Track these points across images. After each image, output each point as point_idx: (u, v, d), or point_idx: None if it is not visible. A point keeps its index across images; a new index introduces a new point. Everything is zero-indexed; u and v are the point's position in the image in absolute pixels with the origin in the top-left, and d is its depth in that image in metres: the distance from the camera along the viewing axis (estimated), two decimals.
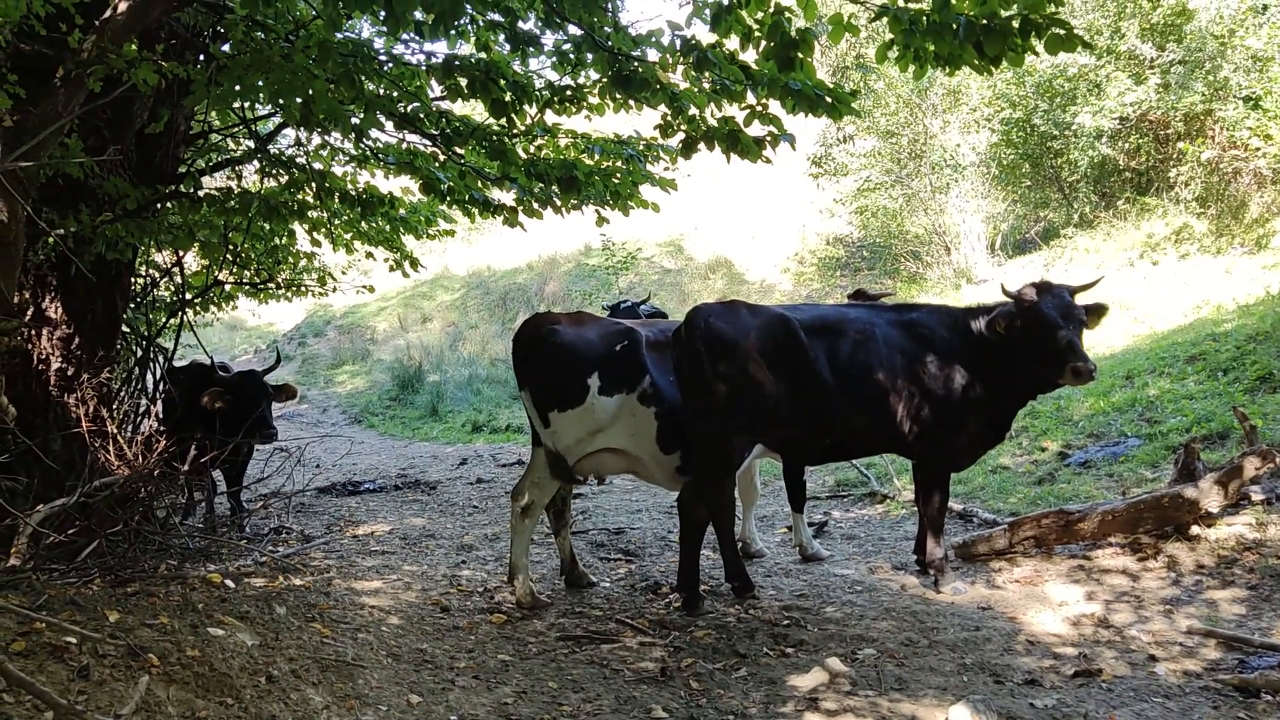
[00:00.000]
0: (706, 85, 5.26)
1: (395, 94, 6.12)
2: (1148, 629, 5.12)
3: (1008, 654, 4.91)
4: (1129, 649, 4.90)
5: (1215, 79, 14.27)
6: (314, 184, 6.93)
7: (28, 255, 5.61)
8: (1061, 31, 4.27)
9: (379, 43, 6.53)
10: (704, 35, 4.99)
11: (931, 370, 5.85)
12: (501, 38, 5.77)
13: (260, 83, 4.96)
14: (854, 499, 8.82)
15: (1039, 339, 5.62)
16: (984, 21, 4.29)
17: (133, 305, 8.17)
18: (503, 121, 6.05)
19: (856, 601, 5.90)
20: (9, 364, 5.66)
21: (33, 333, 6.22)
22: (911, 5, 4.45)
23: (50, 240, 5.79)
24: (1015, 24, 4.29)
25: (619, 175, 6.80)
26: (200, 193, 6.94)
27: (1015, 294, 5.79)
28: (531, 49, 5.50)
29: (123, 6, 4.21)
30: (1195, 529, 6.00)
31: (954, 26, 4.32)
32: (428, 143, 6.76)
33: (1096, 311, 5.86)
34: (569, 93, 6.31)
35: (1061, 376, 5.61)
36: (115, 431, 6.14)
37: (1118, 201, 16.15)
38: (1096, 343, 11.48)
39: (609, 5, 5.11)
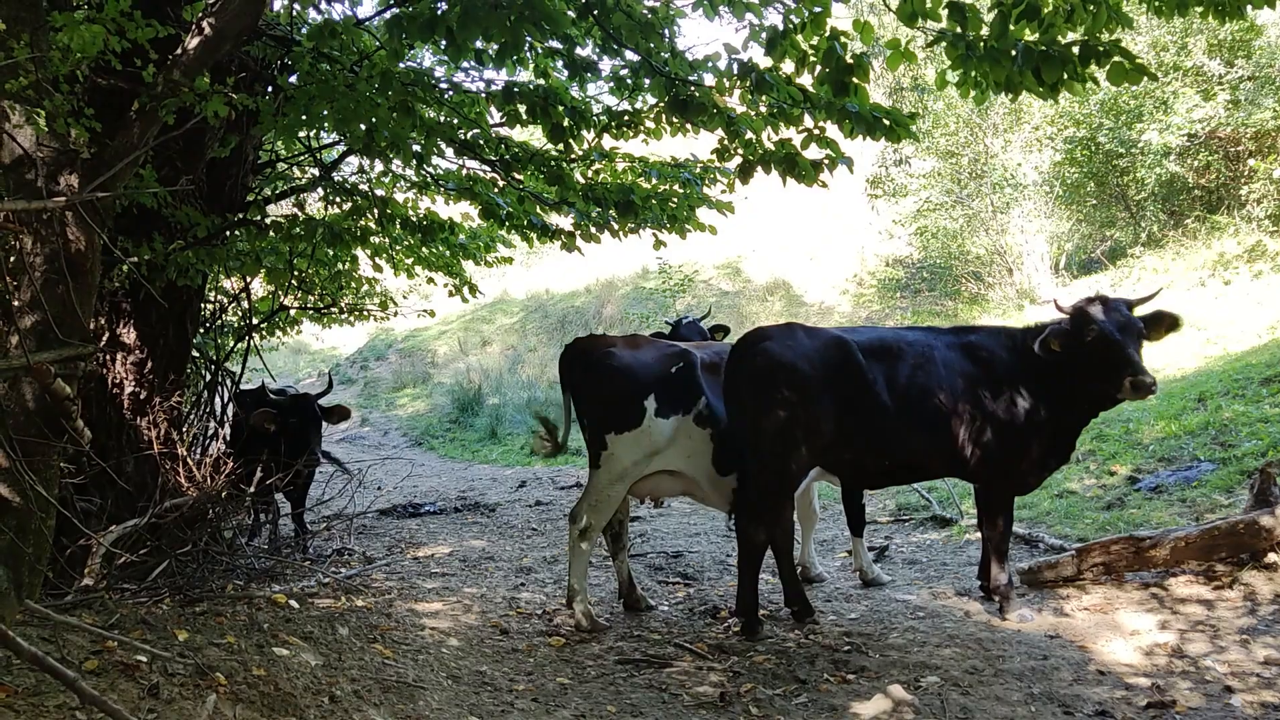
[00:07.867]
0: (764, 109, 5.26)
1: (455, 121, 6.23)
2: (1224, 659, 4.96)
3: (1078, 684, 4.79)
4: (1204, 680, 4.75)
5: None
6: (376, 210, 7.05)
7: (103, 283, 5.78)
8: (1124, 61, 4.19)
9: (440, 71, 6.66)
10: (760, 59, 5.00)
11: (992, 392, 5.75)
12: (560, 64, 5.85)
13: (325, 112, 5.09)
14: (915, 523, 8.69)
15: (1094, 353, 5.49)
16: (1042, 48, 4.22)
17: (202, 330, 8.38)
18: (561, 147, 6.12)
19: (919, 628, 5.81)
20: (85, 388, 5.82)
21: (107, 358, 6.40)
22: (969, 31, 4.41)
23: (124, 268, 5.96)
24: (1075, 50, 4.23)
25: (676, 199, 6.83)
26: (267, 220, 7.10)
27: (1069, 309, 5.68)
28: (589, 75, 5.56)
29: (195, 42, 4.34)
30: (1272, 556, 5.80)
31: (1012, 53, 4.27)
32: (487, 169, 6.86)
33: (1161, 321, 5.69)
34: (626, 117, 6.36)
35: (1120, 390, 5.45)
36: (185, 454, 6.28)
37: (1187, 220, 15.77)
38: (1167, 364, 11.21)
39: (665, 31, 5.15)
